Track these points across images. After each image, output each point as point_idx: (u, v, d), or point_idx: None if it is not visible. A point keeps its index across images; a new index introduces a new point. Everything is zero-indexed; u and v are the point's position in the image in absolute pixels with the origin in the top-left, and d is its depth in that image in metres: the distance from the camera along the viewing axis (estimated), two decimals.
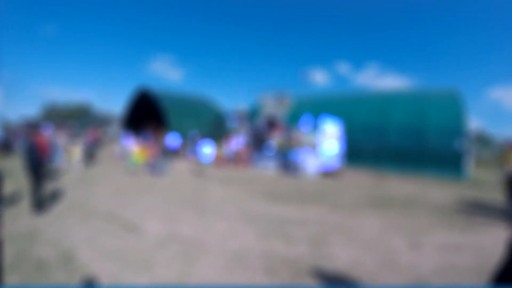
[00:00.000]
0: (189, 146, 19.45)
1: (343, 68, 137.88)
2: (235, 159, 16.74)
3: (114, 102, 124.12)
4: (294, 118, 18.10)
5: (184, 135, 20.96)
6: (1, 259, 2.90)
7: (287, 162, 14.76)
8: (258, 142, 16.71)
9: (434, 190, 11.08)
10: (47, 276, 3.74)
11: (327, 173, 14.01)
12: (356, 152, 17.00)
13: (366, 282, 3.83)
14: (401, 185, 12.01)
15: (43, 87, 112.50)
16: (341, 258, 4.53)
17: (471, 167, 16.00)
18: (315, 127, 15.11)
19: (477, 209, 8.18)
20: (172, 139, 20.35)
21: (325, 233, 5.72)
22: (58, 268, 3.94)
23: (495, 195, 9.91)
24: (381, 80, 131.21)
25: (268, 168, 15.38)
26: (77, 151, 14.01)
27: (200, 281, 3.72)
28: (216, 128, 22.88)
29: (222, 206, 7.60)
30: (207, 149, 12.73)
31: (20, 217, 6.13)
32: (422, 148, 15.70)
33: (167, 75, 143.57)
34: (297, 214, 7.03)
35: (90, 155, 16.14)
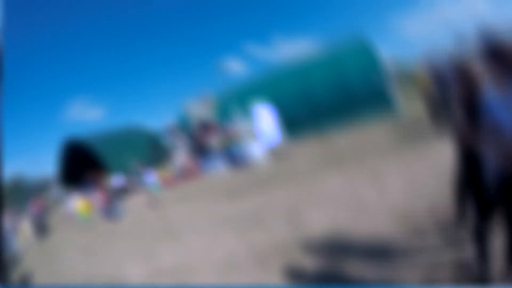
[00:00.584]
0: (134, 179, 18.95)
1: (253, 48, 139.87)
2: (184, 173, 16.70)
3: (45, 164, 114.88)
4: (224, 114, 18.23)
5: (125, 171, 20.35)
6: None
7: (233, 157, 15.06)
8: (199, 150, 16.81)
9: (379, 134, 11.06)
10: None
11: (273, 151, 14.42)
12: (292, 124, 17.56)
13: (347, 236, 4.13)
14: (343, 140, 12.28)
15: None
16: (318, 224, 4.80)
17: (402, 102, 16.04)
18: (246, 115, 15.54)
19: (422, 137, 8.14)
20: (116, 178, 19.69)
21: (295, 209, 5.89)
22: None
23: None
24: (290, 48, 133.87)
25: (218, 169, 15.57)
26: (27, 228, 13.14)
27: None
28: (154, 151, 22.46)
29: (190, 223, 7.62)
30: (151, 178, 12.58)
31: None
32: (348, 100, 16.43)
33: (88, 116, 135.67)
34: (263, 201, 7.17)
35: (42, 225, 15.14)
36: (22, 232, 13.13)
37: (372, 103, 15.79)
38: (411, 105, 13.25)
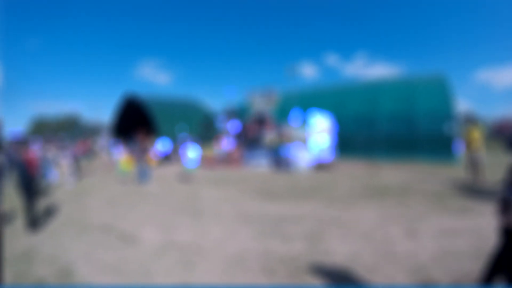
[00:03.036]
0: (178, 149, 19.39)
1: (331, 59, 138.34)
2: (227, 159, 16.76)
3: (102, 111, 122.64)
4: (283, 114, 18.12)
5: (174, 140, 20.90)
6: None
7: (279, 159, 14.80)
8: (248, 141, 16.75)
9: (427, 176, 11.19)
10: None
11: (320, 166, 14.10)
12: (348, 143, 17.14)
13: (365, 274, 3.80)
14: (394, 173, 12.11)
15: (30, 101, 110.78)
16: (338, 252, 4.51)
17: (462, 150, 16.25)
18: (305, 121, 15.19)
19: (470, 192, 8.25)
20: (162, 144, 20.26)
21: (321, 228, 5.71)
22: (57, 286, 3.93)
23: (484, 176, 10.02)
24: (370, 69, 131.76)
25: (260, 166, 15.41)
26: (67, 164, 13.89)
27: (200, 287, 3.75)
28: (206, 129, 22.85)
29: (217, 208, 7.54)
30: (192, 153, 12.60)
31: (16, 236, 6.04)
32: (412, 134, 15.91)
33: (155, 79, 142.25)
34: (292, 211, 7.02)
35: (79, 167, 15.99)
36: (62, 167, 13.87)
37: (432, 143, 15.25)
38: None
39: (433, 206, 7.00)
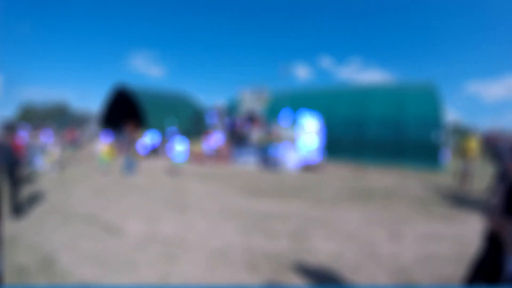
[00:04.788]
0: (166, 142, 19.16)
1: (326, 61, 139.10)
2: (215, 155, 16.61)
3: (92, 101, 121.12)
4: (273, 113, 18.06)
5: (163, 133, 20.65)
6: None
7: (267, 157, 14.73)
8: (237, 138, 16.62)
9: (413, 181, 11.31)
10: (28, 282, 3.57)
11: (308, 167, 14.06)
12: (336, 145, 17.16)
13: (348, 274, 3.80)
14: (380, 177, 12.20)
15: (19, 87, 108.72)
16: (322, 252, 4.50)
17: (448, 158, 16.45)
18: (294, 121, 15.14)
19: (455, 199, 8.37)
20: (151, 137, 19.99)
21: (306, 227, 5.69)
22: (38, 274, 3.74)
23: (472, 185, 10.15)
24: (363, 74, 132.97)
25: (248, 163, 15.32)
26: (54, 152, 13.58)
27: (181, 280, 3.62)
28: (195, 124, 22.64)
29: (202, 203, 7.46)
30: (180, 147, 12.41)
31: None
32: (400, 140, 16.02)
33: (147, 71, 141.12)
34: (278, 209, 6.98)
35: (63, 155, 15.66)
36: (50, 154, 13.56)
37: (420, 150, 15.50)
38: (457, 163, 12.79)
39: (417, 211, 7.05)
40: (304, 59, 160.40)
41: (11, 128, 6.95)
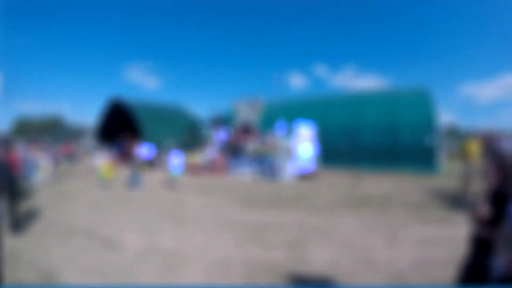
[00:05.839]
0: (163, 156, 19.18)
1: (320, 70, 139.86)
2: (211, 167, 16.64)
3: (87, 113, 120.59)
4: (268, 123, 18.17)
5: (159, 145, 20.67)
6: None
7: (263, 167, 14.79)
8: (233, 149, 16.69)
9: (409, 186, 11.41)
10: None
11: (304, 176, 14.14)
12: (332, 153, 17.27)
13: (344, 282, 3.85)
14: (376, 183, 12.28)
15: (14, 101, 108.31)
16: (319, 260, 4.54)
17: (443, 161, 16.58)
18: (290, 131, 15.25)
19: (451, 202, 8.45)
20: (147, 150, 20.01)
21: (303, 236, 5.73)
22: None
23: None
24: (358, 80, 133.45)
25: (244, 174, 15.36)
26: (49, 166, 13.57)
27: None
28: (191, 136, 22.70)
29: (200, 215, 7.48)
30: (176, 159, 12.48)
31: None
32: (395, 145, 16.17)
33: (143, 82, 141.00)
34: (275, 219, 7.02)
35: (59, 169, 15.63)
36: (44, 168, 13.54)
37: (414, 155, 15.61)
38: (452, 166, 13.11)
39: (414, 216, 7.11)
40: (298, 68, 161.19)
41: (7, 143, 6.99)
